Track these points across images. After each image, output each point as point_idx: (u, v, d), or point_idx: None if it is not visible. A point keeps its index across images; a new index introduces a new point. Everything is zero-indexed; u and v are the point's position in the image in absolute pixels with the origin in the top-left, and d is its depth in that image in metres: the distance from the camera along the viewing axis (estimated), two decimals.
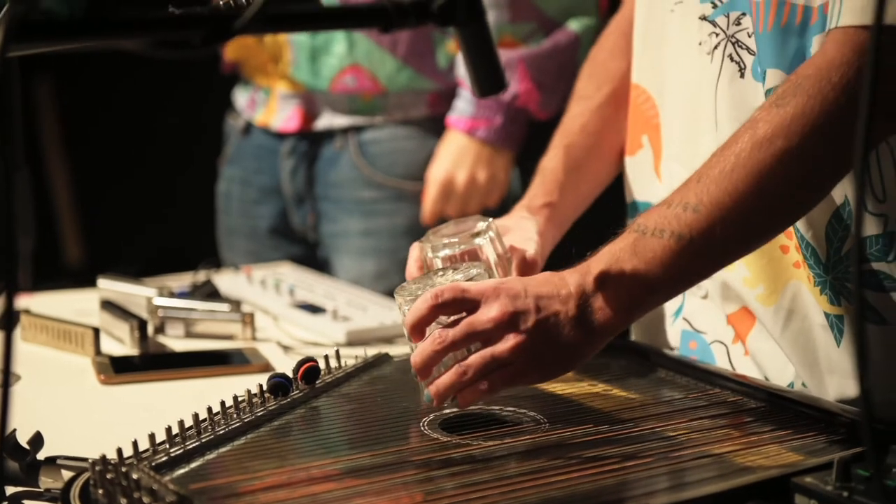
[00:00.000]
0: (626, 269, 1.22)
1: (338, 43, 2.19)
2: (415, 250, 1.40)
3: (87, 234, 4.03)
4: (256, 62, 2.30)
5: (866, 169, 1.32)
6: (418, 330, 1.24)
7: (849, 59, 1.20)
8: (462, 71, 2.16)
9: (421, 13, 1.02)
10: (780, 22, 1.31)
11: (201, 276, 1.96)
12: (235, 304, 1.76)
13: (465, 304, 1.22)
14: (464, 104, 2.19)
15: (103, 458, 1.13)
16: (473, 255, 1.36)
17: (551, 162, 1.54)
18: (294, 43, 2.22)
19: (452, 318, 1.23)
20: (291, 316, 1.80)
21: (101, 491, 1.10)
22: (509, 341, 1.21)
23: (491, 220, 1.40)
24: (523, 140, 2.21)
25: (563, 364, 1.25)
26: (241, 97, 2.39)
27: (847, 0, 1.22)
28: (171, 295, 1.82)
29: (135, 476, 1.10)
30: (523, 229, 1.45)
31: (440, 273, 1.31)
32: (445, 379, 1.22)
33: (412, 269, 1.39)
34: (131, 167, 3.79)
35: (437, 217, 2.19)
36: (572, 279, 1.23)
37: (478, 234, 1.37)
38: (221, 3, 1.13)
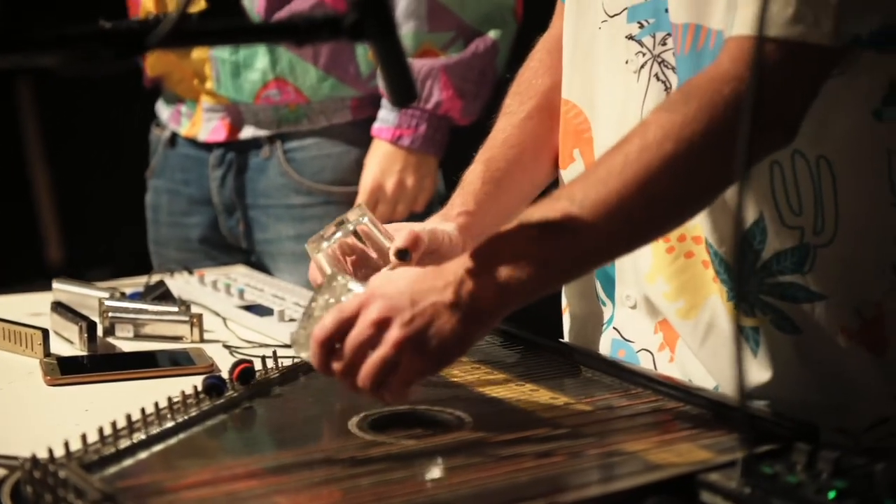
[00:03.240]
0: (507, 255, 1.23)
1: (260, 58, 2.24)
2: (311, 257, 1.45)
3: (68, 234, 4.06)
4: (179, 77, 2.34)
5: (770, 179, 1.36)
6: (328, 371, 1.26)
7: (741, 73, 1.24)
8: None
9: (333, 28, 1.05)
10: (697, 45, 1.34)
11: (155, 278, 1.99)
12: (184, 306, 1.80)
13: (347, 323, 1.24)
14: (388, 114, 2.24)
15: (33, 457, 1.16)
16: (352, 245, 1.41)
17: (470, 174, 1.56)
18: (215, 60, 2.26)
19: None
20: (239, 317, 1.83)
21: (30, 489, 1.14)
22: (390, 339, 1.22)
23: (363, 206, 1.45)
24: (447, 145, 2.27)
25: (449, 351, 1.25)
26: (164, 110, 2.43)
27: (742, 9, 1.26)
28: (123, 297, 1.85)
29: (62, 475, 1.14)
30: (420, 225, 1.48)
31: (313, 303, 1.32)
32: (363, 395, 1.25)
33: (314, 275, 1.44)
34: (112, 168, 3.81)
35: None
36: (451, 268, 1.25)
37: (342, 223, 1.42)
38: (147, 16, 1.17)
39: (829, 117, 1.33)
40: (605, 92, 1.47)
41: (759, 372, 1.38)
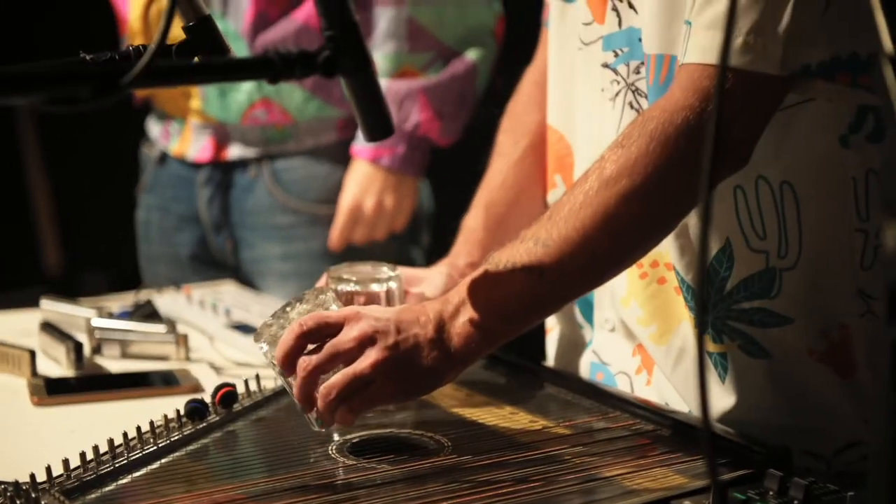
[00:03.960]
0: (481, 299, 1.27)
1: None
2: (323, 280, 1.46)
3: (66, 242, 4.07)
4: (168, 95, 2.36)
5: (739, 206, 1.37)
6: (289, 364, 1.29)
7: (691, 103, 1.26)
8: None
9: (306, 65, 1.06)
10: (672, 76, 1.35)
11: (143, 295, 2.01)
12: (171, 325, 1.81)
13: (328, 329, 1.28)
14: None
15: (16, 482, 1.18)
16: (370, 299, 1.42)
17: (472, 221, 1.58)
18: None
19: (313, 346, 1.29)
20: (226, 336, 1.85)
21: None
22: (369, 358, 1.26)
23: (399, 271, 1.47)
24: (426, 165, 2.28)
25: (421, 384, 1.30)
26: (154, 128, 2.44)
27: (693, 37, 1.28)
28: (110, 316, 1.87)
29: (44, 502, 1.15)
30: (432, 284, 1.51)
31: (289, 307, 1.36)
32: (319, 404, 1.28)
33: None
34: (111, 176, 3.82)
35: (344, 243, 2.26)
36: (432, 307, 1.29)
37: (377, 280, 1.43)
38: (127, 49, 1.18)
39: (794, 144, 1.34)
40: (584, 119, 1.48)
41: (726, 397, 1.39)
